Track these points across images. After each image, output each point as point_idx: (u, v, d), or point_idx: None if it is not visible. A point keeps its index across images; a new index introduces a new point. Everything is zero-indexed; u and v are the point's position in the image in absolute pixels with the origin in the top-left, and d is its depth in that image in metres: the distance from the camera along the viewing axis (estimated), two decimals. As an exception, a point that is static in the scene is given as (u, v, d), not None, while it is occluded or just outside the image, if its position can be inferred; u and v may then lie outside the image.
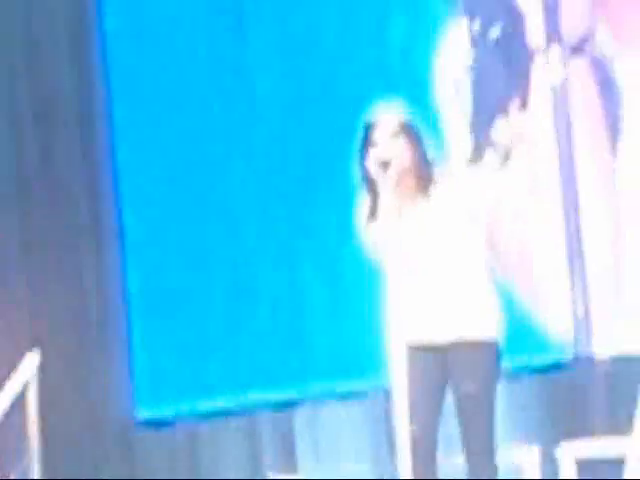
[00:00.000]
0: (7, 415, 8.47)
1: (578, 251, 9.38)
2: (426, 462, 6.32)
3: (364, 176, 6.15)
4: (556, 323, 9.29)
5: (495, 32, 10.51)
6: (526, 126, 9.01)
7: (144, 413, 11.19)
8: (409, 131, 6.28)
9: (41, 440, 8.71)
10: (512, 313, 7.71)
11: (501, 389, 6.43)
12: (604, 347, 9.13)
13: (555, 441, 8.66)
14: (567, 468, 8.52)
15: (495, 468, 6.38)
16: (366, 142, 6.21)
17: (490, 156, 9.23)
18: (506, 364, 6.56)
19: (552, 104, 9.73)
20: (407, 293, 6.39)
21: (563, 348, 9.05)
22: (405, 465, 6.21)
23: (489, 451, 6.40)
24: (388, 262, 6.47)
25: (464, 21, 10.73)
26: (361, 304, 8.61)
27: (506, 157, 9.14)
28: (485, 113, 9.80)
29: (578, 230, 9.37)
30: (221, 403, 10.67)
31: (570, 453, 8.59)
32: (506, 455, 7.52)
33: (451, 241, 6.38)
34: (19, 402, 8.58)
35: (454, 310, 6.36)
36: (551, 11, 10.19)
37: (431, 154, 6.34)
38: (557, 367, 9.17)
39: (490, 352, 6.35)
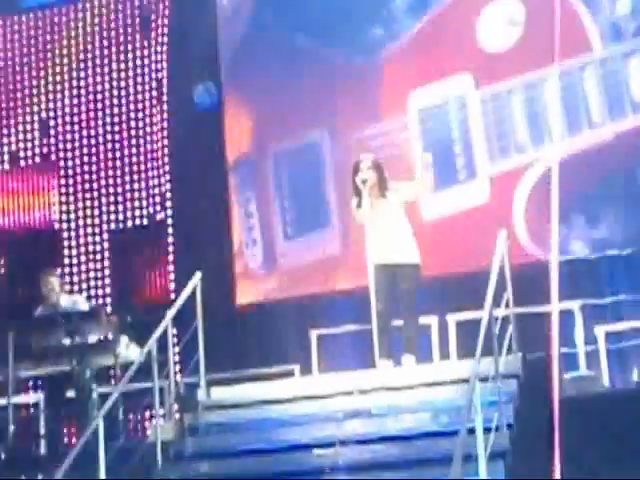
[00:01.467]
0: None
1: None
2: (386, 323, 10.10)
3: (355, 187, 10.36)
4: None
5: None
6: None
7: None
8: (376, 166, 10.41)
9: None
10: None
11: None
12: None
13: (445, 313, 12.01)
14: (452, 329, 11.81)
15: (417, 326, 10.34)
16: (356, 171, 10.36)
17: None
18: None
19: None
20: (374, 239, 10.33)
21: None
22: (374, 325, 10.11)
23: (414, 317, 10.23)
24: (366, 225, 10.37)
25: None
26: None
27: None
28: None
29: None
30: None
31: (452, 320, 11.87)
32: (422, 320, 10.91)
33: (392, 215, 10.35)
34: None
35: (396, 247, 10.23)
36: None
37: (384, 176, 10.42)
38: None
39: (414, 268, 10.26)
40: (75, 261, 14.48)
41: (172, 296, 12.66)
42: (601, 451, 8.35)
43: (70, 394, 11.03)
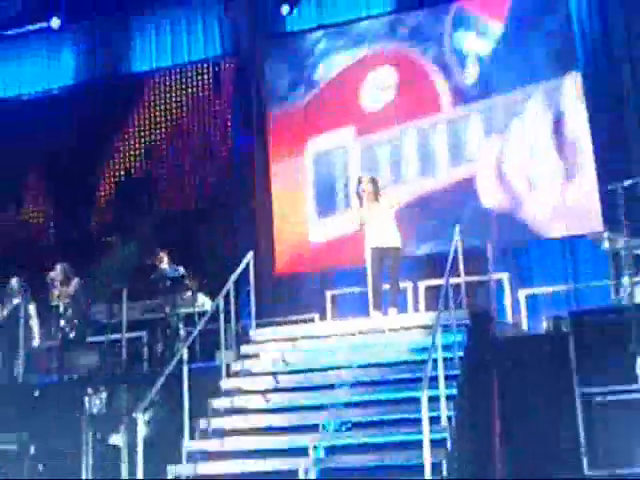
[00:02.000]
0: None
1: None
2: (377, 286, 10.02)
3: (357, 194, 10.33)
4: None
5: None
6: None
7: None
8: (372, 181, 10.28)
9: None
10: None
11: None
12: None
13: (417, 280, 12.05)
14: (421, 291, 11.82)
15: (398, 289, 10.22)
16: (359, 183, 10.34)
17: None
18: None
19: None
20: (370, 230, 10.16)
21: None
22: (369, 288, 10.20)
23: (396, 283, 10.16)
24: (366, 222, 10.17)
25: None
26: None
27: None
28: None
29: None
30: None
31: (422, 285, 11.90)
32: (401, 285, 10.79)
33: (382, 214, 10.14)
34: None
35: (386, 236, 10.09)
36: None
37: (378, 187, 10.28)
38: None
39: (397, 250, 10.13)
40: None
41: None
42: (520, 371, 8.29)
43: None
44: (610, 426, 7.33)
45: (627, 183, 9.04)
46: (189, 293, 11.10)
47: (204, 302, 10.85)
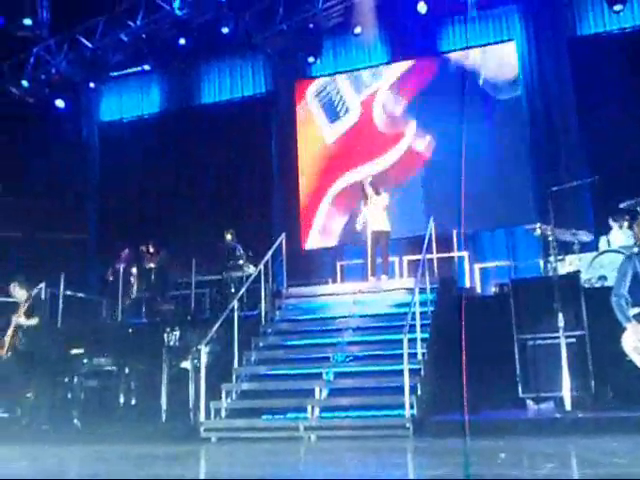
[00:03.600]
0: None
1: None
2: (374, 259, 9.93)
3: (364, 192, 10.11)
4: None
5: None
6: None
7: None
8: (372, 183, 10.08)
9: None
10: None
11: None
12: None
13: (402, 255, 12.15)
14: (405, 264, 11.71)
15: (388, 261, 10.14)
16: (364, 188, 10.18)
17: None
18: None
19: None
20: (371, 218, 10.01)
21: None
22: (369, 260, 10.10)
23: (388, 258, 10.10)
24: (368, 212, 10.17)
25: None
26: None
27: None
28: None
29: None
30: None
31: (406, 259, 11.76)
32: (391, 258, 10.90)
33: (379, 205, 10.00)
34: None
35: (379, 222, 9.99)
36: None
37: (377, 187, 10.17)
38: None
39: (387, 233, 10.01)
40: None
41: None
42: (474, 322, 8.03)
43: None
44: (538, 362, 7.34)
45: (555, 188, 9.03)
46: (240, 262, 11.02)
47: (250, 268, 10.77)
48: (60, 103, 14.38)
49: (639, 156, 10.62)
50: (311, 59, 14.08)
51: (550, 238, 8.49)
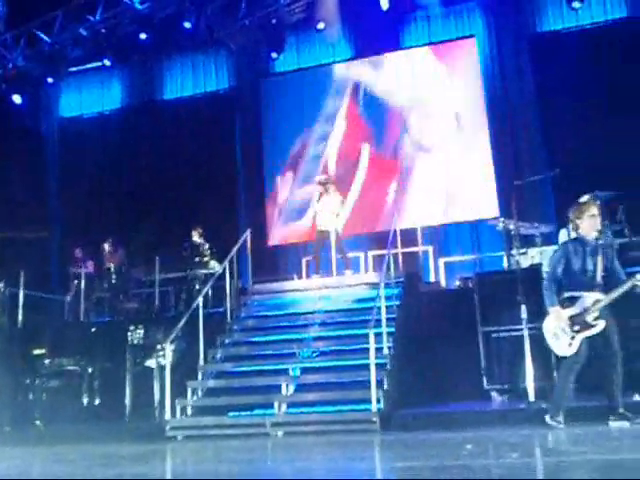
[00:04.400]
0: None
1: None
2: (318, 257, 9.97)
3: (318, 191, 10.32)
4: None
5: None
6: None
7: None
8: (326, 181, 10.23)
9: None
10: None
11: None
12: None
13: (367, 250, 12.01)
14: (370, 259, 11.81)
15: (347, 256, 10.08)
16: (319, 185, 10.35)
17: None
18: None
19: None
20: (321, 214, 10.09)
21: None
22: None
23: (345, 253, 10.02)
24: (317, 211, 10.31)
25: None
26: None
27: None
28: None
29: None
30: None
31: (371, 255, 11.77)
32: (357, 254, 11.41)
33: (333, 202, 10.03)
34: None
35: (327, 222, 9.99)
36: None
37: (329, 187, 10.15)
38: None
39: (337, 232, 9.92)
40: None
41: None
42: (439, 315, 8.37)
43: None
44: (502, 354, 7.46)
45: (517, 182, 9.16)
46: (205, 259, 10.93)
47: (215, 265, 10.69)
48: (17, 99, 14.08)
49: (598, 150, 10.78)
50: (274, 55, 14.01)
51: (512, 232, 8.66)
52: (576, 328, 5.46)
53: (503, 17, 13.01)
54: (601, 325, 5.42)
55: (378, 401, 6.82)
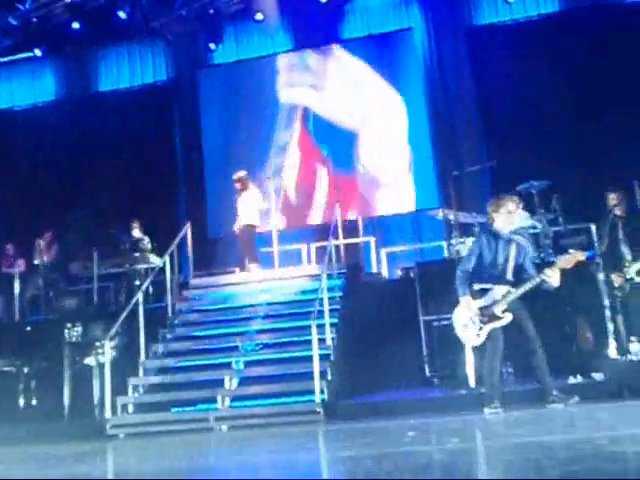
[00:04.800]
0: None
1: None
2: (243, 252, 10.30)
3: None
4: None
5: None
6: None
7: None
8: (243, 177, 10.39)
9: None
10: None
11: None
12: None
13: (310, 242, 11.99)
14: (313, 250, 11.83)
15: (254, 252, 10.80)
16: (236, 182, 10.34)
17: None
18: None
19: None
20: (240, 212, 10.04)
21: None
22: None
23: (252, 248, 10.30)
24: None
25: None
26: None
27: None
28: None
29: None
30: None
31: (314, 246, 11.68)
32: (299, 246, 11.78)
33: (250, 200, 10.04)
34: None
35: (246, 217, 9.98)
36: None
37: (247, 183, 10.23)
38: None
39: (253, 227, 9.99)
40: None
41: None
42: (381, 305, 8.45)
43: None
44: (443, 342, 7.57)
45: (456, 173, 9.39)
46: (145, 253, 10.78)
47: (155, 259, 10.53)
48: (-57, 90, 13.62)
49: (533, 141, 11.07)
50: (212, 46, 13.89)
51: (452, 222, 8.87)
52: (484, 319, 5.63)
53: (440, 10, 13.16)
54: (508, 318, 5.57)
55: (322, 392, 6.88)
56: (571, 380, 6.42)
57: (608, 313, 7.06)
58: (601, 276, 7.15)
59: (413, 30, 13.26)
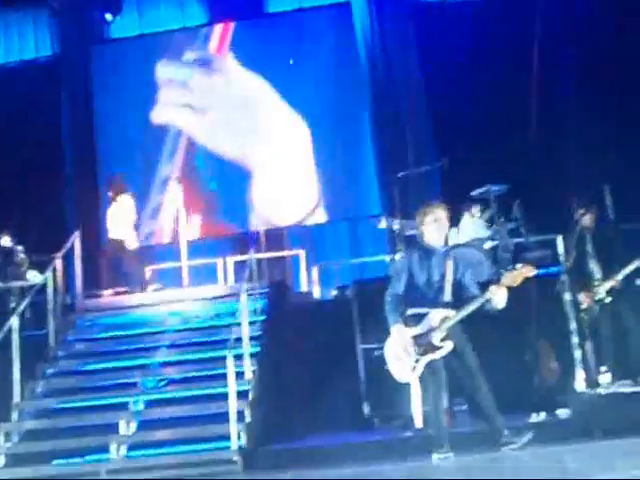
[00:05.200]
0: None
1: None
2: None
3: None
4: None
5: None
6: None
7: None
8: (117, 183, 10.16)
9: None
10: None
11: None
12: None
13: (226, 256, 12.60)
14: (230, 266, 11.91)
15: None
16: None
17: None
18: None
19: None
20: (112, 222, 10.08)
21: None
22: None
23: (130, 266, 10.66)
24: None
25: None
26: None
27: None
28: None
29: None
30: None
31: (231, 260, 11.59)
32: (214, 260, 11.85)
33: (114, 210, 9.97)
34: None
35: (114, 230, 9.95)
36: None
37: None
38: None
39: (121, 243, 9.99)
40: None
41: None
42: (312, 331, 8.42)
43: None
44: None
45: (401, 174, 9.44)
46: (22, 268, 10.50)
47: (35, 276, 10.27)
48: None
49: (490, 139, 11.26)
50: (109, 17, 13.83)
51: (397, 231, 8.92)
52: (420, 350, 5.47)
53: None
54: (448, 346, 5.44)
55: (239, 437, 6.80)
56: (533, 418, 6.44)
57: (575, 339, 7.18)
58: (567, 296, 7.28)
59: (351, 5, 13.37)
